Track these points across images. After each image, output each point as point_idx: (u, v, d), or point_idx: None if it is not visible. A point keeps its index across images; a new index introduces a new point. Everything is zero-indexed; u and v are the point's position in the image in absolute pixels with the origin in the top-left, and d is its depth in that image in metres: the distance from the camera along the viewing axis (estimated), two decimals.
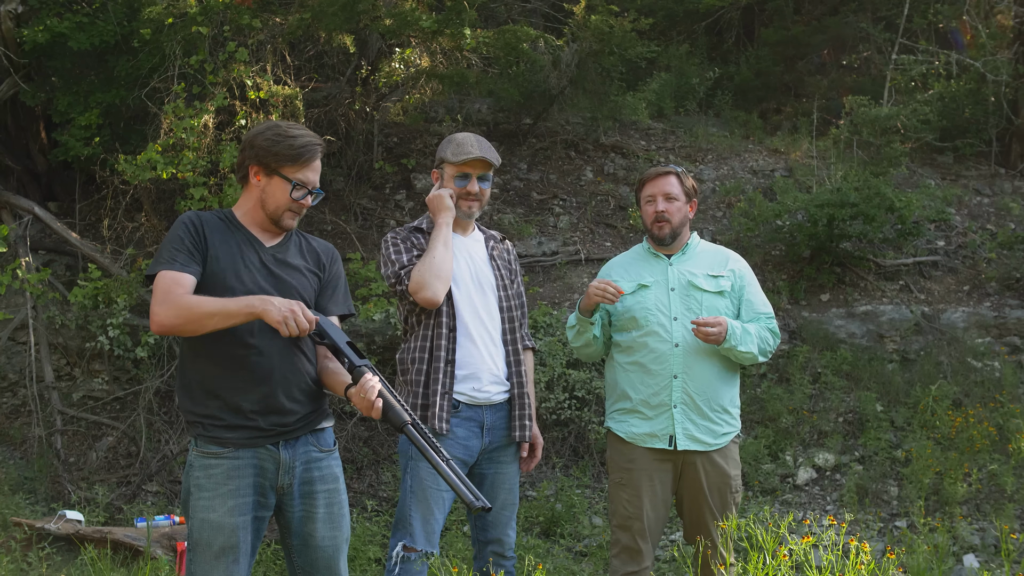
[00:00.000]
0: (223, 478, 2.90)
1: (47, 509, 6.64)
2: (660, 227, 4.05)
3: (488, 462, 3.77)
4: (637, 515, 3.89)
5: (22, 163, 8.70)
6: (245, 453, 2.92)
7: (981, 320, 8.06)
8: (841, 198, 7.98)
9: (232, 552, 2.88)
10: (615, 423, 4.02)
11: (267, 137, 2.98)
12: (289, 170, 2.96)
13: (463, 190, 3.85)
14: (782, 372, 7.75)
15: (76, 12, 7.76)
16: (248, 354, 2.90)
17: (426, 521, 3.60)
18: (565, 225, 8.98)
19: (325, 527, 3.01)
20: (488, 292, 3.85)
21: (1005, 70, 9.97)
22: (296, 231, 3.15)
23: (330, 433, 3.13)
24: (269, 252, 3.02)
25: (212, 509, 2.89)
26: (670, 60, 11.54)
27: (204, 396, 2.93)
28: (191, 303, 2.79)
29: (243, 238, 3.00)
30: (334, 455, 3.11)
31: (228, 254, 2.94)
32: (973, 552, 6.21)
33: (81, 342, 7.50)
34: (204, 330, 2.80)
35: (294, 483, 2.99)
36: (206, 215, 3.02)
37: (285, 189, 2.97)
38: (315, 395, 3.05)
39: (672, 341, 3.91)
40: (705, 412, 3.91)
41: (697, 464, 3.92)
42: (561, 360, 7.26)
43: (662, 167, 4.14)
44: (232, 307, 2.78)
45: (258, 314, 2.76)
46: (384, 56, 8.99)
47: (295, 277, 3.02)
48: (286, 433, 2.96)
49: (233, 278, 2.91)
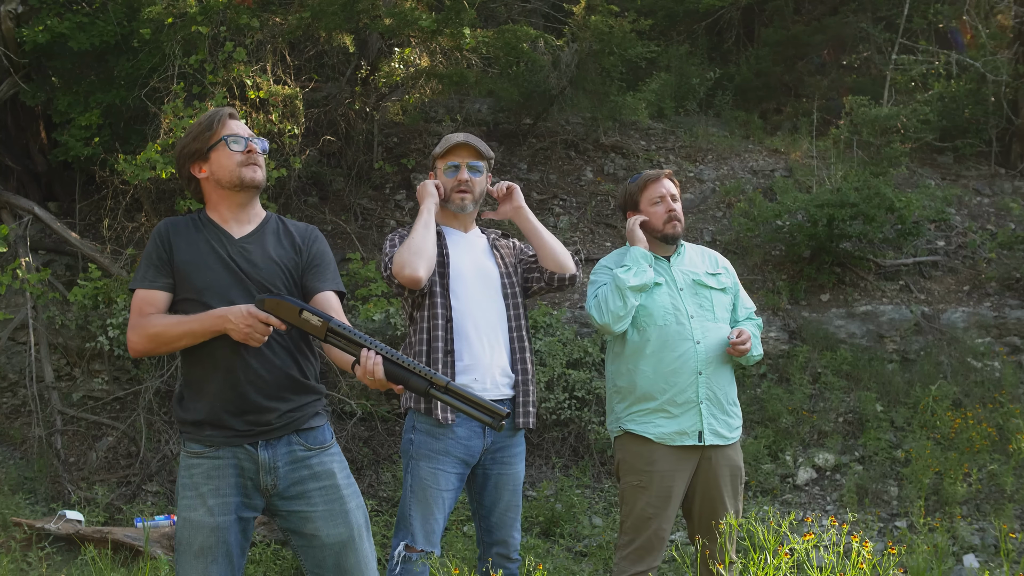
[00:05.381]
0: (204, 478, 2.90)
1: (47, 509, 6.64)
2: (674, 226, 4.09)
3: (492, 463, 3.75)
4: (657, 515, 3.88)
5: (22, 163, 8.70)
6: (225, 452, 2.91)
7: (981, 320, 8.06)
8: (841, 198, 7.98)
9: (211, 552, 2.86)
10: (636, 424, 3.96)
11: (183, 140, 3.07)
12: (212, 139, 3.01)
13: (454, 180, 3.84)
14: (782, 372, 7.75)
15: (76, 12, 7.75)
16: (221, 355, 2.89)
17: (426, 521, 3.59)
18: (565, 225, 8.98)
19: (327, 525, 2.95)
20: (491, 282, 3.83)
21: (1005, 70, 9.97)
22: (276, 216, 3.14)
23: (323, 431, 3.04)
24: (238, 245, 3.00)
25: (193, 508, 2.89)
26: (670, 60, 11.54)
27: (190, 396, 2.96)
28: (159, 329, 2.86)
29: (212, 235, 3.01)
30: (328, 451, 3.02)
31: (194, 256, 2.96)
32: (973, 552, 6.21)
33: (81, 342, 7.50)
34: (175, 349, 2.90)
35: (279, 484, 2.94)
36: (176, 221, 3.05)
37: (224, 152, 3.00)
38: (298, 391, 2.98)
39: (694, 339, 3.94)
40: (724, 407, 3.99)
41: (713, 458, 3.95)
42: (561, 360, 7.26)
43: (657, 170, 4.22)
44: (196, 327, 2.83)
45: (222, 331, 2.80)
46: (384, 56, 8.99)
47: (263, 269, 2.98)
48: (264, 433, 2.92)
49: (199, 279, 2.93)
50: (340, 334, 2.78)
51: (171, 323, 2.87)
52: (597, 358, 7.35)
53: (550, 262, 3.87)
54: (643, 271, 3.94)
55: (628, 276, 3.90)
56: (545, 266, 3.89)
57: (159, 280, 2.93)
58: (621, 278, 3.90)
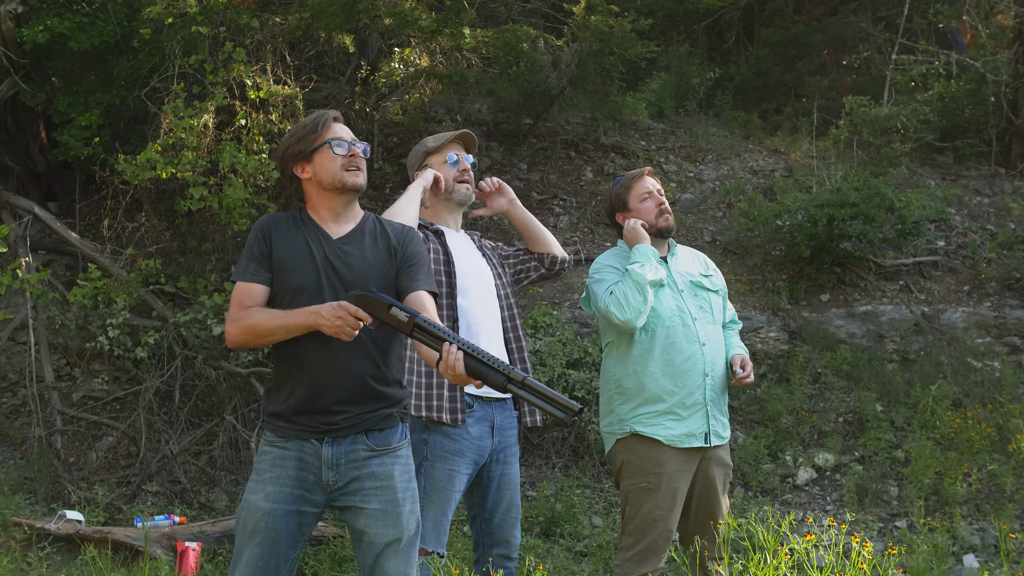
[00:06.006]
0: (269, 465, 3.00)
1: (47, 509, 6.64)
2: (666, 219, 4.11)
3: (495, 463, 3.75)
4: (664, 517, 3.88)
5: (22, 163, 8.70)
6: (292, 444, 3.00)
7: (981, 320, 8.06)
8: (841, 198, 7.98)
9: (259, 534, 2.95)
10: (644, 427, 3.93)
11: (287, 140, 3.14)
12: (317, 141, 3.09)
13: (456, 170, 3.83)
14: (782, 372, 7.75)
15: (76, 12, 7.76)
16: (305, 354, 2.98)
17: (438, 522, 3.59)
18: (565, 225, 8.98)
19: (376, 524, 3.00)
20: (487, 282, 3.81)
21: (1005, 70, 9.97)
22: (374, 217, 3.21)
23: (392, 433, 3.07)
24: (335, 245, 3.08)
25: (254, 491, 3.00)
26: (670, 60, 11.54)
27: (275, 389, 3.07)
28: (255, 322, 2.97)
29: (311, 234, 3.09)
30: (393, 454, 3.06)
31: (292, 252, 3.05)
32: (973, 552, 6.21)
33: (81, 342, 7.50)
34: (270, 343, 3.00)
35: (339, 480, 3.00)
36: (278, 217, 3.14)
37: (327, 155, 3.08)
38: (373, 397, 3.03)
39: (700, 341, 3.95)
40: (722, 408, 4.02)
41: (711, 459, 3.97)
42: (561, 360, 7.26)
43: (638, 169, 4.26)
44: (291, 322, 2.92)
45: (314, 327, 2.88)
46: (384, 56, 8.99)
47: (358, 270, 3.05)
48: (331, 431, 2.99)
49: (296, 276, 3.02)
50: (425, 329, 2.86)
51: (267, 317, 2.97)
52: (597, 358, 7.34)
53: (544, 246, 3.94)
54: (656, 268, 3.94)
55: (645, 271, 3.90)
56: (540, 251, 3.94)
57: (260, 274, 3.02)
58: (639, 273, 3.89)
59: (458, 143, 3.89)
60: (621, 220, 4.17)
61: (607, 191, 4.31)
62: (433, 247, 3.73)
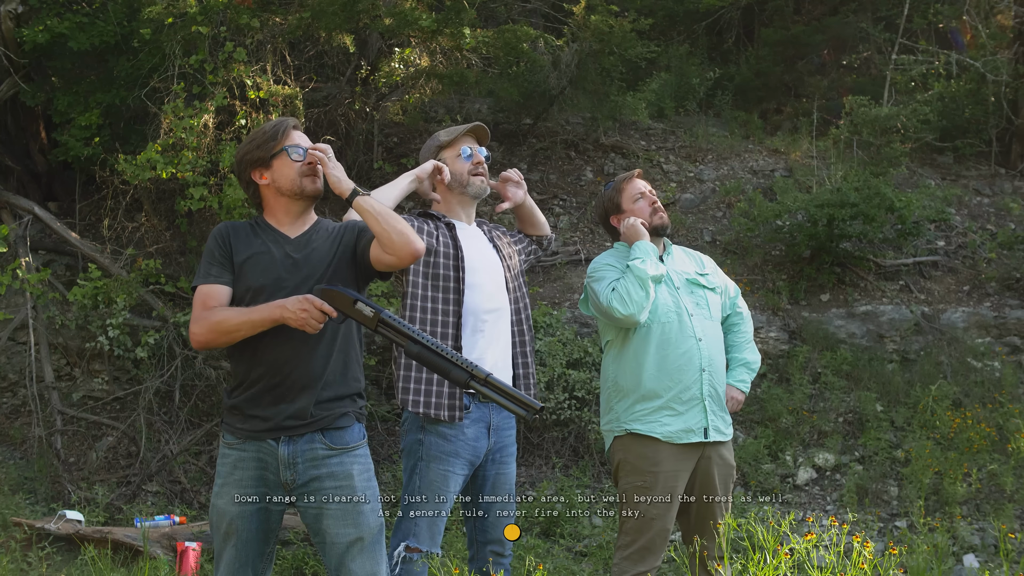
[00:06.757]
0: (231, 468, 3.07)
1: (47, 509, 6.64)
2: (660, 217, 4.14)
3: (491, 463, 3.74)
4: (661, 516, 3.88)
5: (22, 163, 8.70)
6: (249, 446, 3.05)
7: (981, 320, 8.06)
8: (841, 198, 7.98)
9: (232, 537, 3.04)
10: (640, 424, 3.94)
11: (246, 147, 3.19)
12: (275, 148, 3.15)
13: (471, 163, 3.82)
14: (782, 372, 7.75)
15: (76, 12, 7.76)
16: (265, 348, 3.03)
17: (432, 523, 3.59)
18: (565, 225, 8.98)
19: (337, 523, 3.03)
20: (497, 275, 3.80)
21: (1005, 70, 9.97)
22: (327, 220, 3.27)
23: (350, 432, 3.11)
24: (292, 242, 3.15)
25: (220, 496, 3.07)
26: (670, 60, 11.54)
27: (234, 386, 3.12)
28: (219, 320, 3.00)
29: (269, 237, 3.16)
30: (352, 453, 3.09)
31: (252, 254, 3.10)
32: (973, 552, 6.21)
33: (81, 342, 7.50)
34: (236, 340, 3.02)
35: (297, 479, 3.03)
36: (236, 224, 3.21)
37: (285, 161, 3.13)
38: (330, 395, 3.07)
39: (696, 336, 3.96)
40: (722, 403, 4.03)
41: (712, 456, 3.97)
42: (561, 360, 7.26)
43: (627, 172, 4.34)
44: (256, 317, 2.97)
45: (279, 320, 2.93)
46: (384, 56, 8.99)
47: (314, 255, 3.12)
48: (288, 429, 3.02)
49: (257, 275, 3.07)
50: (390, 325, 2.92)
51: (232, 314, 3.01)
52: (597, 358, 7.34)
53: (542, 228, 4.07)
54: (656, 263, 3.97)
55: (646, 267, 3.92)
56: (538, 234, 4.04)
57: (222, 276, 3.07)
58: (640, 268, 3.91)
59: (471, 136, 3.89)
60: (616, 223, 4.18)
61: (599, 197, 4.33)
62: (444, 240, 3.71)
